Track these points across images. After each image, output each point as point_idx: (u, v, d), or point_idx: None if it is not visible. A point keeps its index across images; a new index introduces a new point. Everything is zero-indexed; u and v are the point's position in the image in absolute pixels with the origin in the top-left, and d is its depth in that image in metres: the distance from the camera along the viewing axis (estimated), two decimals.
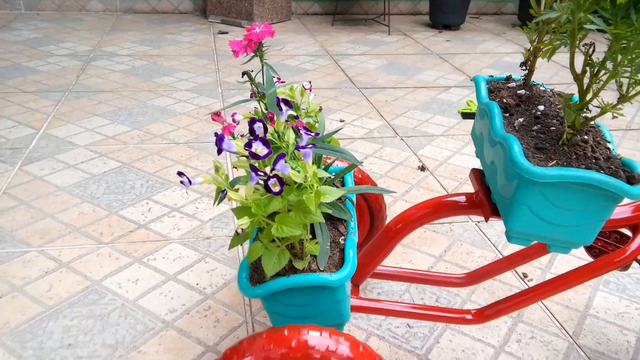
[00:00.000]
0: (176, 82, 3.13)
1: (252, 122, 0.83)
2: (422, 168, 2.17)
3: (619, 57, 0.74)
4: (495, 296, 1.46)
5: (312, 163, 1.07)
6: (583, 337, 1.34)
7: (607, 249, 1.21)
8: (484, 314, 1.07)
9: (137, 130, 2.47)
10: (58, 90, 2.93)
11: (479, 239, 1.72)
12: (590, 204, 0.82)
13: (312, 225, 0.99)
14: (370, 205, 1.42)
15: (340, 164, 1.37)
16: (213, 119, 0.90)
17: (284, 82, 1.14)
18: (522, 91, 1.04)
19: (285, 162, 0.82)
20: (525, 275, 1.55)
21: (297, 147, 0.82)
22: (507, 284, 1.51)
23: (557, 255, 1.64)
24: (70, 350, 1.25)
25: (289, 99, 1.14)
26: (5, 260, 1.55)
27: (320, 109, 1.15)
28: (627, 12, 0.72)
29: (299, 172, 0.84)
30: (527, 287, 1.51)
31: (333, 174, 1.19)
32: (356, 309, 1.12)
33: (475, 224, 1.81)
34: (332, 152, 0.96)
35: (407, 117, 2.74)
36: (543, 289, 1.06)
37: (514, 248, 1.68)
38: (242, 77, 0.93)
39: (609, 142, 0.92)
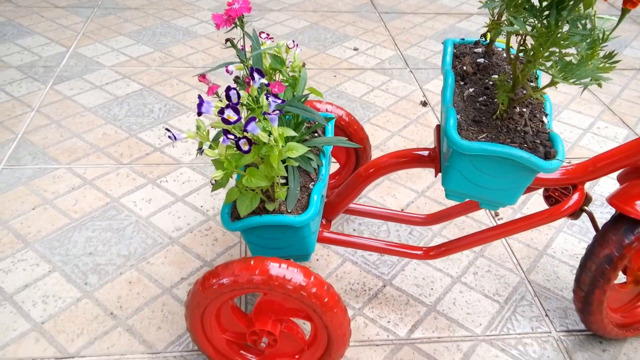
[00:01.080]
0: (199, 1, 3.20)
1: (228, 89, 0.98)
2: (424, 103, 2.27)
3: (540, 51, 0.84)
4: (464, 232, 1.63)
5: (290, 120, 1.21)
6: (535, 273, 1.51)
7: (563, 199, 1.35)
8: (429, 253, 1.24)
9: (159, 52, 2.60)
10: (87, 7, 3.05)
11: None
12: (511, 173, 0.95)
13: (289, 170, 1.16)
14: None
15: (329, 107, 1.50)
16: (199, 80, 1.04)
17: (272, 38, 1.26)
18: (482, 60, 1.14)
19: (258, 122, 0.98)
20: (496, 214, 1.70)
21: (265, 113, 0.97)
22: (478, 221, 1.67)
23: (530, 197, 1.77)
24: (91, 257, 1.49)
25: (277, 54, 1.27)
26: (38, 175, 1.78)
27: (304, 65, 1.27)
28: (548, 13, 0.81)
29: (269, 133, 1.00)
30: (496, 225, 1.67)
31: (312, 121, 1.33)
32: (325, 240, 1.30)
33: None
34: (302, 112, 1.10)
35: (421, 47, 2.79)
36: (486, 235, 1.21)
37: None
38: (225, 43, 1.06)
39: (546, 114, 1.03)
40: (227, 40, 1.06)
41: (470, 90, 1.06)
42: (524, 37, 0.90)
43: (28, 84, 2.28)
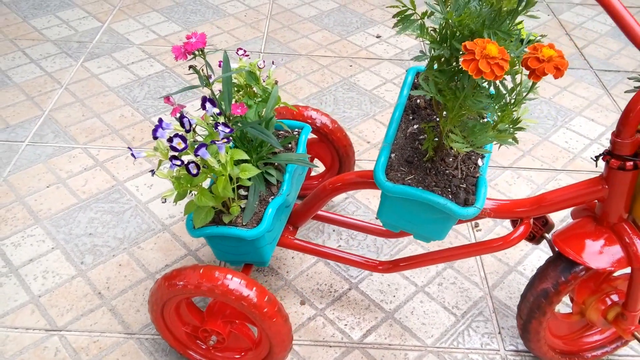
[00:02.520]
0: None
1: (181, 116, 1.07)
2: None
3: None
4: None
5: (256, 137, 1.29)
6: (499, 289, 1.55)
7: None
8: (378, 267, 1.31)
9: (186, 31, 2.71)
10: None
11: None
12: (432, 215, 1.01)
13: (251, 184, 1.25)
14: (339, 153, 1.62)
15: (314, 114, 1.56)
16: (165, 102, 1.14)
17: (249, 55, 1.33)
18: None
19: (207, 149, 1.07)
20: (476, 225, 1.74)
21: (213, 142, 1.06)
22: (455, 230, 1.72)
23: None
24: (90, 238, 1.65)
25: (252, 71, 1.35)
26: (57, 154, 1.95)
27: (276, 82, 1.34)
28: (455, 79, 0.85)
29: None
30: (474, 236, 1.72)
31: (289, 131, 1.40)
32: (289, 246, 1.39)
33: None
34: (260, 134, 1.18)
35: None
36: (433, 257, 1.27)
37: None
38: (189, 69, 1.15)
39: (483, 156, 1.07)
40: (190, 67, 1.15)
41: (415, 127, 1.11)
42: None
43: (61, 59, 2.45)
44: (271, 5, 2.96)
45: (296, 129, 1.43)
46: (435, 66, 0.89)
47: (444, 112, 0.94)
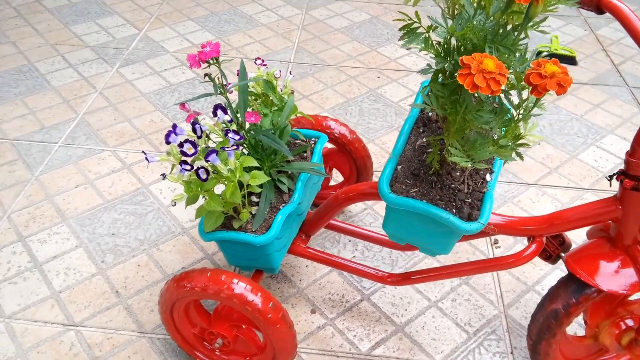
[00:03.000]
0: None
1: (194, 123, 1.10)
2: None
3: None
4: (457, 256, 1.66)
5: (262, 148, 1.31)
6: (515, 309, 1.52)
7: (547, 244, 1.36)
8: (387, 279, 1.30)
9: (219, 40, 2.77)
10: None
11: None
12: (436, 227, 1.00)
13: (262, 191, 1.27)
14: (357, 164, 1.63)
15: (332, 124, 1.58)
16: (181, 108, 1.17)
17: (266, 64, 1.36)
18: None
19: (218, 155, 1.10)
20: (496, 241, 1.71)
21: (222, 148, 1.08)
22: (474, 246, 1.69)
23: None
24: (112, 238, 1.70)
25: (269, 80, 1.37)
26: (87, 156, 2.02)
27: (292, 92, 1.36)
28: (458, 93, 0.85)
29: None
30: (493, 252, 1.69)
31: (305, 140, 1.42)
32: (300, 254, 1.40)
33: None
34: (271, 142, 1.20)
35: None
36: (444, 272, 1.26)
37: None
38: (204, 78, 1.17)
39: (492, 171, 1.06)
40: (205, 75, 1.18)
41: (424, 139, 1.11)
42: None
43: (98, 64, 2.54)
44: (304, 16, 3.00)
45: (313, 139, 1.44)
46: (440, 79, 0.89)
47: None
